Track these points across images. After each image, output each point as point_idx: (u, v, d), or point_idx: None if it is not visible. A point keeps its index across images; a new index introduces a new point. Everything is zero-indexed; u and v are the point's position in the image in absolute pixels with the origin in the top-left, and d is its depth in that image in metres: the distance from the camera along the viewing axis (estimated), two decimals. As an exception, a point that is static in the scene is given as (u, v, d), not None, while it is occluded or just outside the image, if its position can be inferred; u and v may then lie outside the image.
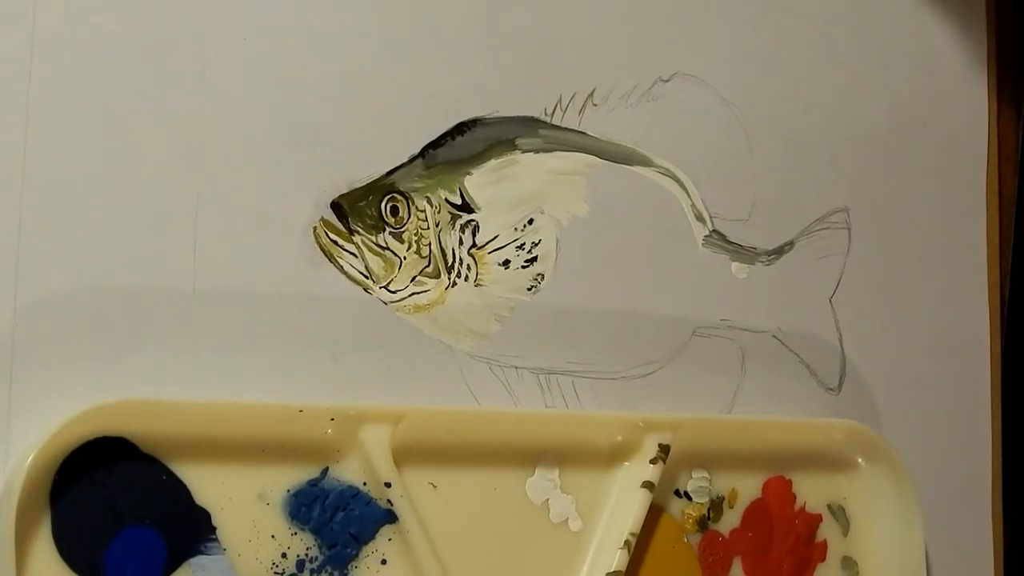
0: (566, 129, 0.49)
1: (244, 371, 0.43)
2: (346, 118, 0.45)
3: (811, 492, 0.53)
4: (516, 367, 0.47)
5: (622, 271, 0.50)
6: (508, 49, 0.49)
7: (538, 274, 0.48)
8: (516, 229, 0.48)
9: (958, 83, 0.60)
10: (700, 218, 0.52)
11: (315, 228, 0.44)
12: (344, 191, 0.45)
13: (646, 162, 0.51)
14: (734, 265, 0.53)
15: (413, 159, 0.46)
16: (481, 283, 0.47)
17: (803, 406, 0.53)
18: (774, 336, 0.53)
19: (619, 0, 0.51)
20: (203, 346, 0.42)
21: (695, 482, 0.50)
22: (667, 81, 0.52)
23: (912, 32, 0.59)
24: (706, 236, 0.52)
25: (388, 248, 0.46)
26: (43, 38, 0.41)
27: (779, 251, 0.54)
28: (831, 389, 0.55)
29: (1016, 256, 0.60)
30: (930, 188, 0.59)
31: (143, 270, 0.41)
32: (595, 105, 0.50)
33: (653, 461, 0.48)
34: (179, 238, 0.42)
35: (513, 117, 0.48)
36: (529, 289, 0.48)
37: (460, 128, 0.47)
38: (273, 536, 0.42)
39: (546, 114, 0.49)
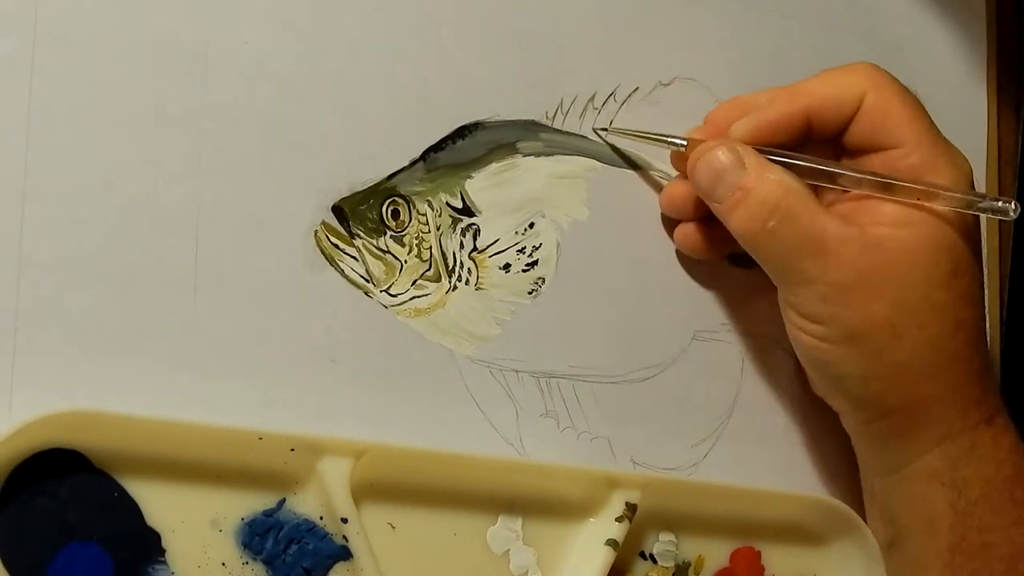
0: (567, 133, 0.49)
1: (243, 373, 0.43)
2: (347, 121, 0.45)
3: (780, 565, 0.51)
4: (517, 371, 0.47)
5: (622, 275, 0.50)
6: (509, 53, 0.49)
7: (539, 278, 0.48)
8: (517, 233, 0.48)
9: (957, 86, 0.60)
10: (700, 221, 0.52)
11: (316, 231, 0.44)
12: (345, 194, 0.45)
13: (647, 166, 0.51)
14: (734, 269, 0.52)
15: (414, 162, 0.46)
16: (482, 287, 0.47)
17: (802, 409, 0.53)
18: (774, 340, 0.53)
19: (620, 4, 0.51)
20: (203, 348, 0.42)
21: (661, 545, 0.49)
22: (667, 85, 0.52)
23: (911, 36, 0.59)
24: (706, 240, 0.52)
25: (389, 252, 0.46)
26: (44, 38, 0.41)
27: (779, 255, 0.54)
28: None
29: (1015, 260, 0.60)
30: (930, 191, 0.59)
31: (144, 273, 0.42)
32: (596, 109, 0.50)
33: (619, 519, 0.47)
34: (180, 242, 0.42)
35: (514, 121, 0.48)
36: (530, 293, 0.48)
37: (461, 132, 0.47)
38: (223, 564, 0.41)
39: (547, 118, 0.49)
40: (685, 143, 0.49)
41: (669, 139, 0.49)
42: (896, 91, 0.48)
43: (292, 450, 0.42)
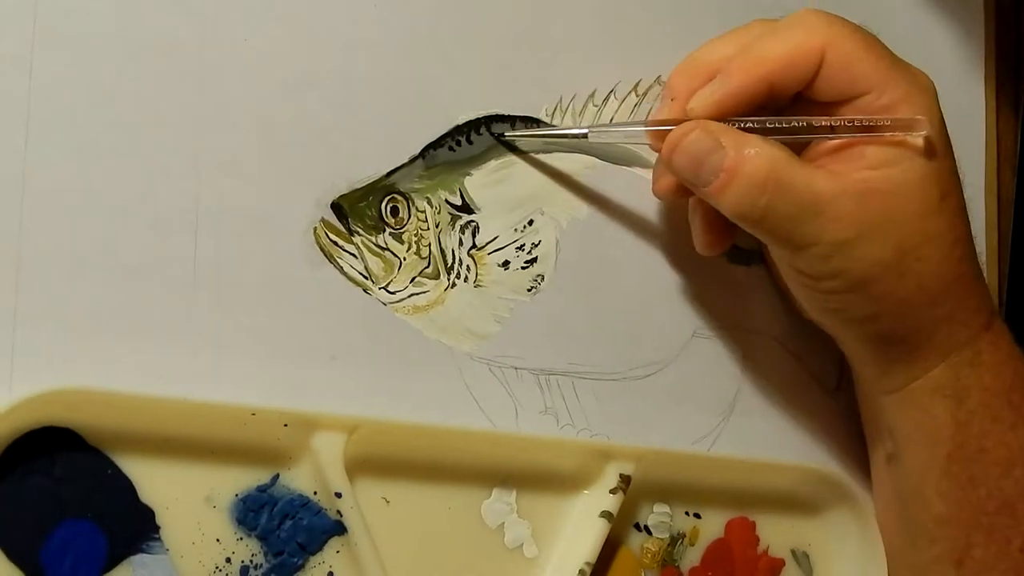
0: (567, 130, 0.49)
1: (243, 371, 0.43)
2: (346, 119, 0.45)
3: (775, 536, 0.52)
4: (516, 368, 0.47)
5: (622, 272, 0.50)
6: (509, 50, 0.49)
7: (538, 275, 0.48)
8: (516, 230, 0.48)
9: (957, 85, 0.60)
10: (699, 219, 0.52)
11: (315, 229, 0.44)
12: (344, 191, 0.45)
13: (645, 163, 0.51)
14: (734, 267, 0.52)
15: (413, 160, 0.46)
16: (481, 284, 0.47)
17: (802, 407, 0.53)
18: (773, 338, 0.53)
19: (619, 1, 0.51)
20: (202, 346, 0.42)
21: (656, 516, 0.49)
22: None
23: (910, 34, 0.59)
24: (705, 238, 0.52)
25: (388, 249, 0.46)
26: (44, 38, 0.41)
27: (778, 252, 0.54)
28: (829, 391, 0.55)
29: (1014, 258, 0.60)
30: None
31: (143, 270, 0.41)
32: (595, 106, 0.50)
33: (613, 491, 0.47)
34: (180, 239, 0.42)
35: (514, 117, 0.48)
36: (529, 290, 0.48)
37: (460, 129, 0.47)
38: (218, 540, 0.42)
39: (546, 115, 0.49)
40: (586, 132, 0.47)
41: (568, 132, 0.48)
42: (854, 40, 0.46)
43: (285, 426, 0.42)
